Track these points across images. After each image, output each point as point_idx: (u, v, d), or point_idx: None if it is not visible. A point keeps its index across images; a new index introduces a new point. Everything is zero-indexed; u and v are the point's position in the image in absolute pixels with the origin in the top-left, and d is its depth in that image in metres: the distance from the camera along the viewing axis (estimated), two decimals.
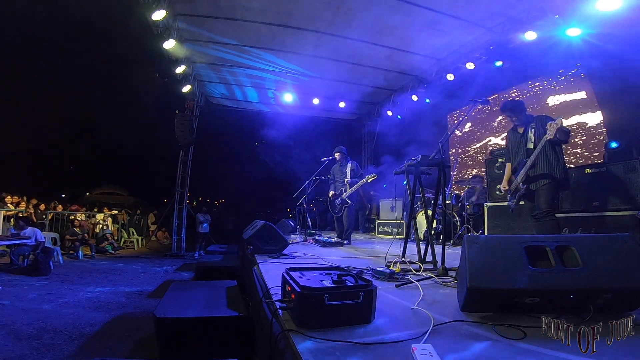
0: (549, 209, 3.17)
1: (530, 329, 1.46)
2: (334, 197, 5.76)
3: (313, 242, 5.65)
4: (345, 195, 5.49)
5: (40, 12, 15.64)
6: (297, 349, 1.33)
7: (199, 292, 2.72)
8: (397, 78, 8.75)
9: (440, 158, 3.10)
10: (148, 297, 4.63)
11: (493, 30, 6.41)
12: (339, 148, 5.87)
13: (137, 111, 20.97)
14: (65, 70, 20.80)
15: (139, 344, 2.95)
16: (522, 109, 3.43)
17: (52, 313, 3.68)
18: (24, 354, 2.63)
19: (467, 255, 1.70)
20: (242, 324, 2.15)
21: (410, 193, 3.48)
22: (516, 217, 4.48)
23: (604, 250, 1.62)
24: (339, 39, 6.91)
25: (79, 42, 18.24)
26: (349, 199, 5.48)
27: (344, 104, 10.06)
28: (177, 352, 2.05)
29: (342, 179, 5.66)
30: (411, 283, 2.35)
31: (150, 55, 7.43)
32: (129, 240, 10.76)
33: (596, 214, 3.93)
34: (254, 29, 6.73)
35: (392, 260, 2.99)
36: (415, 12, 5.94)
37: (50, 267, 5.87)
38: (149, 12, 5.79)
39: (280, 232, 4.15)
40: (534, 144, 3.24)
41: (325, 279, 1.72)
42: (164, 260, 8.38)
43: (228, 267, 4.57)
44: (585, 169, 4.16)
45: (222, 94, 10.04)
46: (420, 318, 1.67)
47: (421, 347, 1.24)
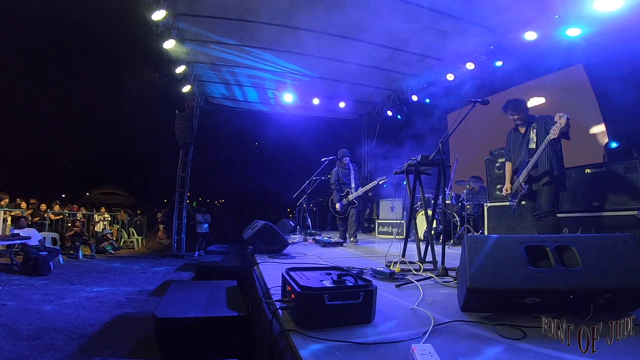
0: (551, 208, 3.18)
1: (530, 329, 1.46)
2: (339, 198, 5.83)
3: (313, 242, 5.65)
4: (352, 196, 5.66)
5: (40, 12, 15.65)
6: (297, 349, 1.33)
7: (199, 292, 2.72)
8: (397, 78, 8.74)
9: (440, 158, 3.10)
10: (148, 297, 4.63)
11: (493, 30, 6.41)
12: (347, 152, 5.99)
13: (137, 111, 20.98)
14: (65, 70, 20.82)
15: (139, 344, 2.95)
16: (525, 108, 3.43)
17: (52, 313, 3.68)
18: (24, 354, 2.63)
19: (467, 255, 1.70)
20: (242, 324, 2.15)
21: (410, 193, 3.47)
22: (516, 217, 4.48)
23: (604, 250, 1.62)
24: (339, 39, 6.92)
25: (78, 42, 18.27)
26: (355, 199, 5.65)
27: (344, 104, 10.05)
28: (177, 352, 2.05)
29: (348, 181, 5.81)
30: (411, 283, 2.35)
31: (150, 55, 7.44)
32: (129, 240, 10.76)
33: (596, 214, 3.93)
34: (254, 29, 6.73)
35: (392, 260, 2.99)
36: (416, 12, 5.94)
37: (50, 267, 5.87)
38: (149, 12, 5.79)
39: (280, 232, 4.14)
40: (536, 144, 3.24)
41: (325, 279, 1.72)
42: (164, 260, 8.38)
43: (228, 267, 4.58)
44: (585, 169, 4.16)
45: (222, 94, 10.04)
46: (420, 318, 1.67)
47: (421, 347, 1.24)
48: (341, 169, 5.96)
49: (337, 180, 5.93)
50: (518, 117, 3.42)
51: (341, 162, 5.94)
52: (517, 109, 3.41)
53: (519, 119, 3.43)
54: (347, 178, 5.83)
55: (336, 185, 5.92)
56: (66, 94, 21.10)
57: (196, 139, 9.50)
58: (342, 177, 5.90)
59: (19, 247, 6.31)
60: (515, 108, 3.42)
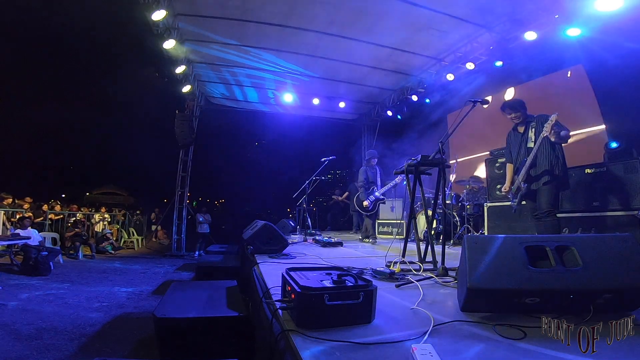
0: (551, 208, 3.17)
1: (530, 329, 1.46)
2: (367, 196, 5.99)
3: (313, 242, 5.65)
4: (379, 192, 5.96)
5: (40, 12, 15.65)
6: (297, 349, 1.32)
7: (199, 292, 2.72)
8: (397, 78, 8.74)
9: (440, 158, 3.10)
10: (148, 297, 4.63)
11: (493, 30, 6.42)
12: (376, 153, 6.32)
13: (137, 111, 20.96)
14: (65, 70, 20.80)
15: (139, 344, 2.95)
16: (523, 107, 3.43)
17: (52, 313, 3.68)
18: (24, 354, 2.63)
19: (467, 255, 1.69)
20: (242, 324, 2.15)
21: (410, 193, 3.47)
22: (516, 217, 4.48)
23: (604, 250, 1.62)
24: (339, 39, 6.92)
25: (78, 42, 18.25)
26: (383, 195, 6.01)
27: (344, 104, 10.05)
28: (177, 352, 2.05)
29: (375, 180, 6.07)
30: (411, 283, 2.35)
31: (150, 55, 7.42)
32: (129, 240, 10.76)
33: (596, 214, 3.93)
34: (254, 29, 6.73)
35: (392, 260, 2.99)
36: (416, 12, 5.94)
37: (50, 267, 5.87)
38: (149, 12, 5.79)
39: (280, 232, 4.15)
40: (534, 143, 3.24)
41: (325, 279, 1.72)
42: (164, 260, 8.38)
43: (228, 267, 4.58)
44: (585, 169, 4.16)
45: (222, 94, 10.04)
46: (420, 318, 1.67)
47: (421, 347, 1.24)
48: (370, 168, 6.17)
49: (366, 179, 6.09)
50: (515, 116, 3.43)
51: (369, 162, 6.20)
52: (514, 108, 3.41)
53: (516, 117, 3.43)
54: (375, 177, 6.10)
55: (365, 183, 6.08)
56: (66, 94, 21.08)
57: (196, 139, 9.49)
58: (371, 176, 6.10)
59: (19, 247, 6.31)
60: (512, 107, 3.42)
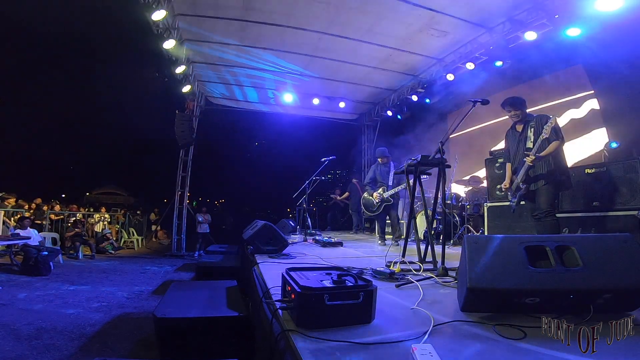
0: (549, 209, 3.17)
1: (530, 329, 1.46)
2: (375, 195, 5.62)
3: (313, 242, 5.65)
4: (387, 194, 5.46)
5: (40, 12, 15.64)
6: (297, 349, 1.32)
7: (199, 292, 2.72)
8: (397, 78, 8.74)
9: (440, 158, 3.10)
10: (148, 297, 4.63)
11: (493, 30, 6.42)
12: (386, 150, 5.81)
13: (137, 111, 20.95)
14: (65, 70, 20.80)
15: (139, 344, 2.95)
16: (523, 105, 3.43)
17: (52, 313, 3.68)
18: (24, 354, 2.63)
19: (467, 255, 1.69)
20: (242, 324, 2.15)
21: (410, 193, 3.48)
22: (516, 217, 4.48)
23: (604, 250, 1.62)
24: (339, 39, 6.92)
25: (78, 42, 18.24)
26: (392, 197, 5.48)
27: (344, 104, 10.05)
28: (177, 352, 2.05)
29: (387, 179, 5.60)
30: (411, 283, 2.35)
31: (150, 55, 7.43)
32: (129, 240, 10.76)
33: (596, 214, 3.93)
34: (254, 29, 6.73)
35: (392, 260, 2.99)
36: (415, 12, 5.94)
37: (50, 267, 5.87)
38: (149, 12, 5.78)
39: (280, 232, 4.15)
40: (533, 143, 3.24)
41: (325, 279, 1.72)
42: (164, 260, 8.38)
43: (228, 267, 4.58)
44: (585, 169, 4.16)
45: (222, 94, 10.04)
46: (420, 318, 1.67)
47: (421, 347, 1.24)
48: (378, 166, 5.77)
49: (372, 178, 5.76)
50: (515, 113, 3.43)
51: (384, 160, 5.76)
52: (515, 105, 3.42)
53: (515, 115, 3.44)
54: (387, 175, 5.63)
55: (370, 182, 5.76)
56: (66, 94, 21.08)
57: (196, 139, 9.49)
58: (379, 175, 5.70)
59: (19, 247, 6.31)
60: (512, 104, 3.43)
